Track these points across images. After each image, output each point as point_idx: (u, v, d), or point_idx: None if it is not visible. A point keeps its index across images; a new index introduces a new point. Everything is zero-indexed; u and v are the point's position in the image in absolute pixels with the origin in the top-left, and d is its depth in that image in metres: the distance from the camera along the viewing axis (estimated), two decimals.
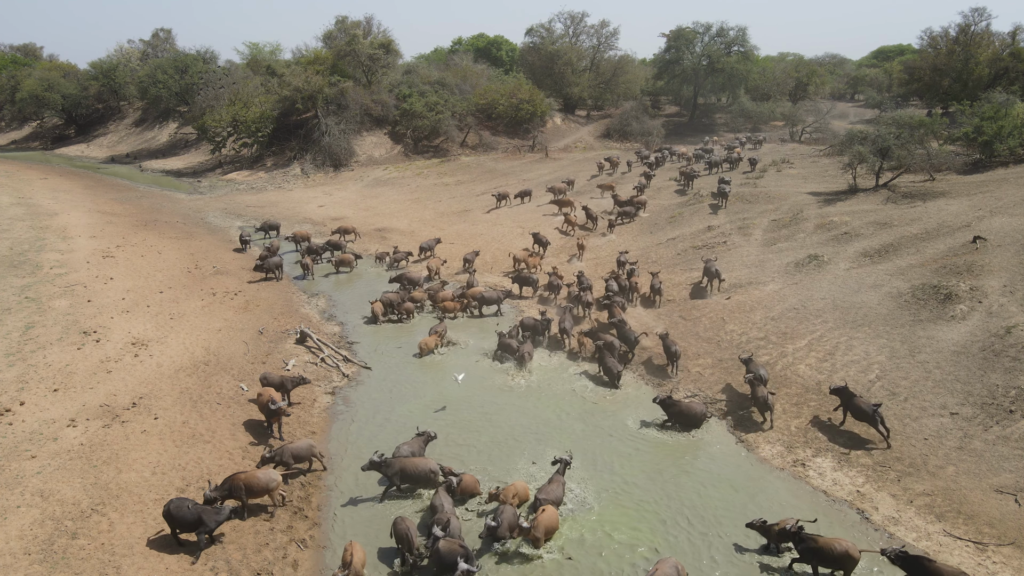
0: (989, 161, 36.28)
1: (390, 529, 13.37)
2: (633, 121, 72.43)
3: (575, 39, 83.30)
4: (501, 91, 70.54)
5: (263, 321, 25.52)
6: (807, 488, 15.28)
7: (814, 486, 15.34)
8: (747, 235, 31.44)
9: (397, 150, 66.00)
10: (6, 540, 13.06)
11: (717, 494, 15.14)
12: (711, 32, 75.01)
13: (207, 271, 31.71)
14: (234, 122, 63.21)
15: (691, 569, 12.67)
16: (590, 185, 46.61)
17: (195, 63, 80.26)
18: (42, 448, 16.17)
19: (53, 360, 20.82)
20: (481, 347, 23.41)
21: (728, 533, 13.86)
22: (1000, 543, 13.28)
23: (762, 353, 21.33)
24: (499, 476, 15.85)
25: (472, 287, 27.71)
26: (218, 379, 20.48)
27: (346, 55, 71.44)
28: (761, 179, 40.61)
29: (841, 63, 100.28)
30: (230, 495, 14.24)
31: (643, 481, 15.62)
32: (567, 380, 21.00)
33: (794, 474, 15.85)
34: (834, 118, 67.93)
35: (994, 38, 60.26)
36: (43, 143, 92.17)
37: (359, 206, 47.34)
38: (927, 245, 25.74)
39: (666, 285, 27.50)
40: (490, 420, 18.54)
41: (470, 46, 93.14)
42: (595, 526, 14.07)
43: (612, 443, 17.31)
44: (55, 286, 27.72)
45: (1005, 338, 18.94)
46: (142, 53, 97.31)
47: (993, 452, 15.66)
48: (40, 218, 40.89)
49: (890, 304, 22.26)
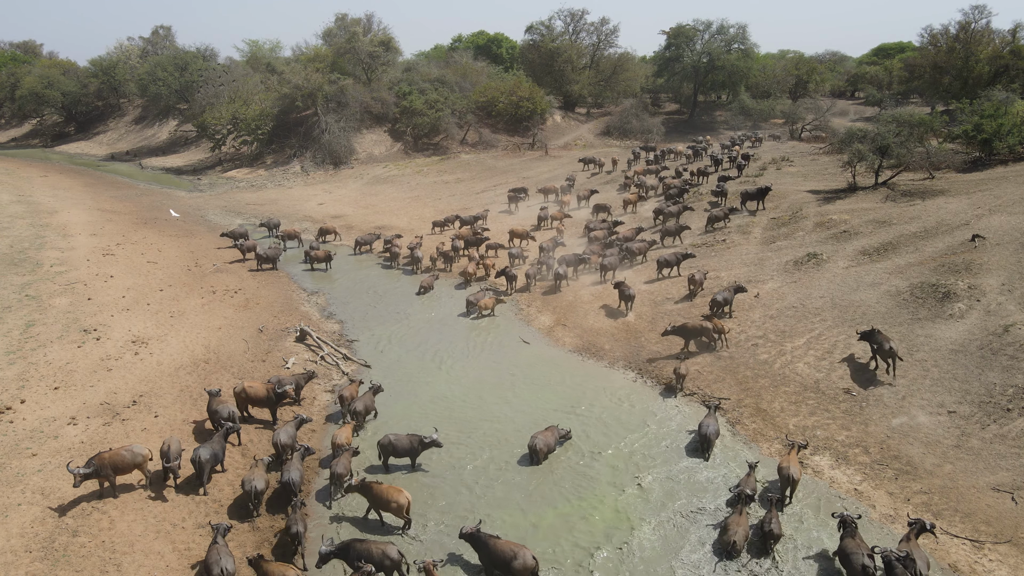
0: (989, 159, 36.27)
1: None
2: (633, 119, 72.41)
3: (575, 36, 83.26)
4: (501, 88, 70.51)
5: (263, 319, 25.58)
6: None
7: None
8: (746, 233, 31.47)
9: (397, 148, 66.00)
10: (7, 538, 13.13)
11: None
12: (711, 30, 74.98)
13: (207, 269, 31.77)
14: (234, 120, 63.24)
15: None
16: (590, 183, 46.60)
17: (195, 60, 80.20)
18: (43, 446, 16.23)
19: (54, 358, 20.88)
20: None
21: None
22: (997, 541, 13.34)
23: (761, 352, 21.40)
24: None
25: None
26: (218, 377, 20.53)
27: (346, 52, 71.44)
28: (760, 177, 40.62)
29: (841, 60, 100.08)
30: (96, 474, 14.19)
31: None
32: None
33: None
34: (834, 116, 67.91)
35: (994, 36, 60.17)
36: (43, 140, 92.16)
37: (359, 204, 47.37)
38: (926, 243, 25.77)
39: (664, 284, 27.57)
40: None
41: (470, 43, 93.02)
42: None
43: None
44: (55, 284, 27.78)
45: (1003, 337, 18.98)
46: (142, 50, 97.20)
47: (990, 450, 15.72)
48: (40, 216, 40.93)
49: (889, 302, 22.30)
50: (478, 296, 26.45)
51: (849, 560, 12.29)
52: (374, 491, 14.36)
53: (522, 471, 16.25)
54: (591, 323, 24.98)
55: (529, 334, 24.59)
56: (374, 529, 14.40)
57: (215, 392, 17.70)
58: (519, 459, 16.70)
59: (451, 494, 15.46)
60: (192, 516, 14.42)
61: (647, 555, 13.42)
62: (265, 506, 15.00)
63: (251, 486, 14.48)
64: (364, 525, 14.57)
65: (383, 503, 14.30)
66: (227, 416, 16.98)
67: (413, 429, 17.84)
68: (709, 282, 26.64)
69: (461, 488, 15.66)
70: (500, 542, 12.76)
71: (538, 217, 37.52)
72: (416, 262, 32.09)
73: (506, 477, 16.04)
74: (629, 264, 30.08)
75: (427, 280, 29.25)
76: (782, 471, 14.86)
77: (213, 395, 17.60)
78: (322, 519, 14.75)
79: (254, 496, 14.49)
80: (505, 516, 14.65)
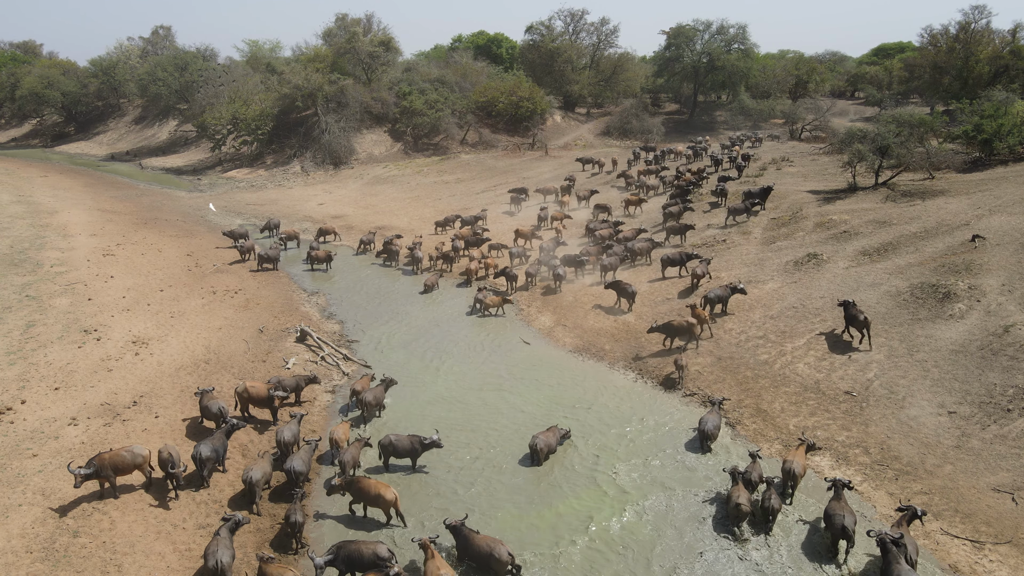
0: (989, 159, 36.27)
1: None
2: (633, 119, 72.44)
3: (575, 36, 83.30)
4: (501, 89, 70.52)
5: (263, 319, 25.58)
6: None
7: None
8: (746, 233, 31.47)
9: (397, 148, 66.01)
10: (8, 539, 13.13)
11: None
12: (711, 30, 75.02)
13: (207, 269, 31.77)
14: (234, 120, 63.25)
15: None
16: (590, 183, 46.62)
17: (195, 60, 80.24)
18: (43, 447, 16.23)
19: (54, 359, 20.88)
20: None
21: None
22: (997, 541, 13.35)
23: (761, 352, 21.40)
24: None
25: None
26: (219, 377, 20.53)
27: (346, 53, 71.46)
28: (760, 177, 40.61)
29: (841, 60, 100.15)
30: (96, 474, 14.22)
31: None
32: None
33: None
34: (834, 116, 67.91)
35: (994, 36, 60.16)
36: (43, 141, 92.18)
37: (359, 204, 47.37)
38: (926, 244, 25.78)
39: (664, 284, 27.58)
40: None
41: (470, 43, 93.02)
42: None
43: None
44: (55, 284, 27.78)
45: (1003, 337, 18.99)
46: (142, 50, 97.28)
47: (991, 451, 15.73)
48: (40, 216, 40.94)
49: (889, 303, 22.31)
50: (484, 294, 26.64)
51: (831, 520, 13.09)
52: (360, 487, 14.46)
53: (523, 471, 16.25)
54: (591, 323, 24.99)
55: (529, 334, 24.60)
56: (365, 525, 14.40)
57: (207, 390, 17.89)
58: (520, 459, 16.71)
59: (450, 494, 15.46)
60: (193, 517, 14.42)
61: (648, 555, 13.42)
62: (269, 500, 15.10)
63: (248, 476, 14.67)
64: (363, 524, 14.57)
65: (369, 499, 14.40)
66: (217, 411, 17.13)
67: (413, 430, 17.88)
68: (710, 282, 26.63)
69: (461, 488, 15.66)
70: (478, 537, 13.08)
71: (538, 217, 37.53)
72: (416, 262, 32.14)
73: (506, 478, 16.04)
74: (631, 264, 30.07)
75: (431, 279, 29.39)
76: (784, 465, 14.95)
77: (204, 392, 17.78)
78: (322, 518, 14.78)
79: (251, 486, 14.63)
80: (505, 516, 14.65)
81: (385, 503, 14.21)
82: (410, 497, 15.34)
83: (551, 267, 28.87)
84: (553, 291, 28.41)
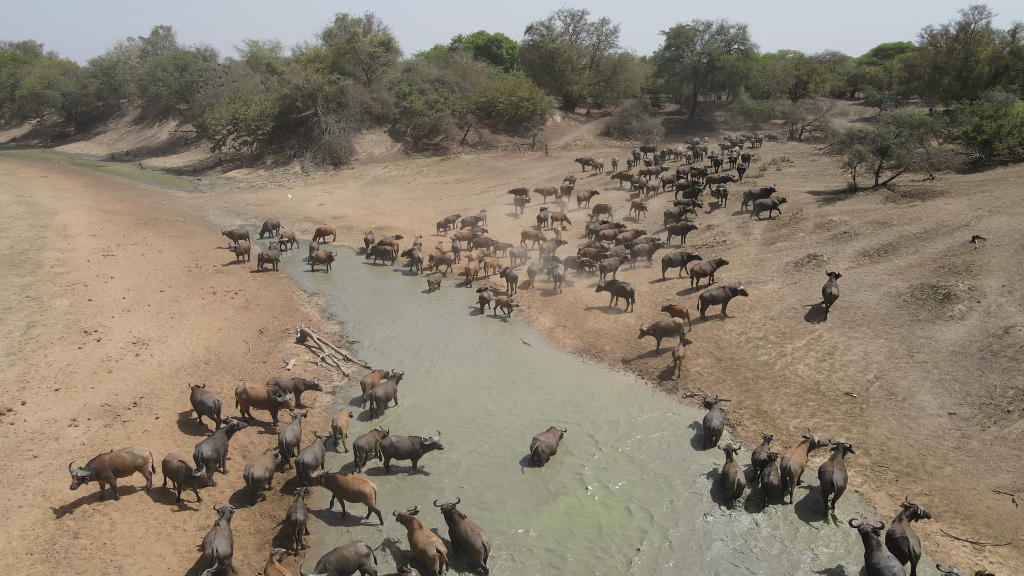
0: (989, 160, 36.28)
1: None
2: (633, 119, 72.43)
3: (575, 37, 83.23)
4: (501, 89, 70.49)
5: (263, 320, 25.58)
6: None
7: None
8: (747, 234, 31.48)
9: (397, 148, 66.00)
10: (8, 540, 13.13)
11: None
12: (711, 30, 74.96)
13: (207, 270, 31.76)
14: (234, 120, 63.23)
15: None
16: (589, 183, 46.61)
17: (195, 61, 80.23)
18: (44, 448, 16.23)
19: (54, 360, 20.88)
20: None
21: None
22: (997, 543, 13.36)
23: (761, 353, 21.41)
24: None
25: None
26: (219, 378, 20.53)
27: (346, 53, 71.41)
28: (761, 178, 40.63)
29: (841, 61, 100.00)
30: (97, 476, 14.23)
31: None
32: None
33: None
34: (834, 116, 67.90)
35: (994, 36, 60.15)
36: (43, 141, 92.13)
37: (359, 204, 47.36)
38: (926, 245, 25.78)
39: (665, 285, 27.59)
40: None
41: (470, 44, 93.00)
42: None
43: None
44: (56, 285, 27.78)
45: (1003, 338, 19.00)
46: (142, 51, 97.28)
47: (991, 452, 15.73)
48: (40, 216, 40.94)
49: (889, 304, 22.31)
50: (489, 294, 26.80)
51: (823, 476, 14.45)
52: (339, 482, 14.59)
53: (523, 471, 16.26)
54: (591, 324, 25.00)
55: (530, 335, 24.61)
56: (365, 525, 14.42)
57: (199, 386, 18.03)
58: (520, 459, 16.72)
59: (449, 495, 15.45)
60: (193, 518, 14.43)
61: (648, 554, 13.43)
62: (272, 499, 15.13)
63: (249, 472, 14.81)
64: (362, 523, 14.59)
65: (349, 494, 14.52)
66: (212, 404, 17.30)
67: (414, 431, 17.90)
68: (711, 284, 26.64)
69: (460, 488, 15.66)
70: (464, 522, 13.41)
71: (538, 218, 37.52)
72: (416, 262, 32.17)
73: (507, 477, 16.05)
74: (631, 265, 30.03)
75: (435, 277, 29.58)
76: (782, 462, 15.04)
77: (196, 388, 17.86)
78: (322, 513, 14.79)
79: (252, 482, 14.75)
80: (506, 516, 14.66)
81: (365, 498, 14.40)
82: (410, 496, 15.34)
83: (551, 268, 28.86)
84: (553, 292, 28.41)
